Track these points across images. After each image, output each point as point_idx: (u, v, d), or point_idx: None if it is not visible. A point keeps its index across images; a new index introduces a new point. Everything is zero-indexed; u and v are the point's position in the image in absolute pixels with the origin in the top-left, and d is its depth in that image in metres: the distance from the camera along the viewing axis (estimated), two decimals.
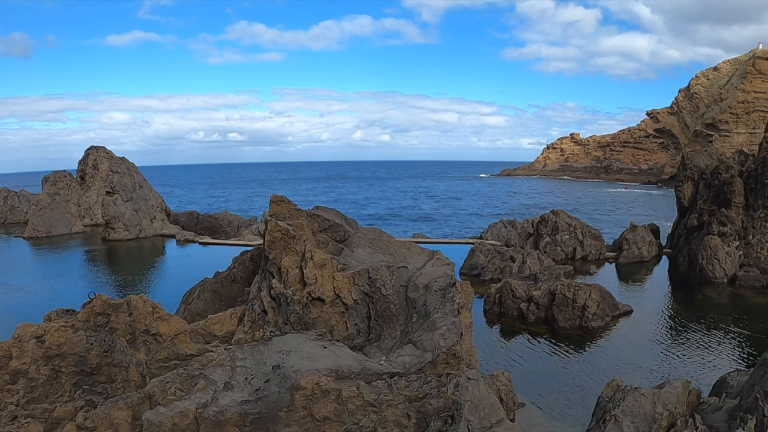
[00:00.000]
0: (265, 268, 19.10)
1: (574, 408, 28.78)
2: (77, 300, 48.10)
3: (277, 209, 20.18)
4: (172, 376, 16.01)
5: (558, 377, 33.31)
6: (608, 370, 34.08)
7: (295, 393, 15.18)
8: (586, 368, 34.88)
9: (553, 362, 36.23)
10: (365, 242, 21.68)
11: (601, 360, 36.32)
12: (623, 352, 37.63)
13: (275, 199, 20.67)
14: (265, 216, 21.56)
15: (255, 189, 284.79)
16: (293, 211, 20.49)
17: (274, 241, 18.60)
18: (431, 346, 17.64)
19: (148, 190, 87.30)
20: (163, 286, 54.70)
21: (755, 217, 61.38)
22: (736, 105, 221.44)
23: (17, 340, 17.29)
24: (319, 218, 21.79)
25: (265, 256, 19.01)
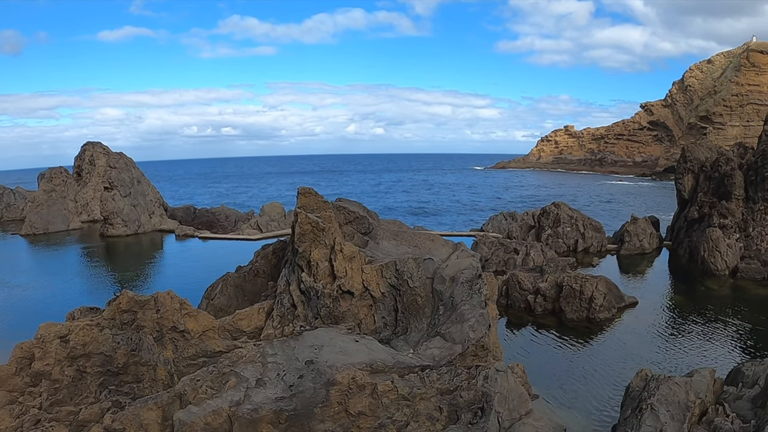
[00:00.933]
0: (293, 261, 18.88)
1: (584, 400, 28.84)
2: (79, 296, 48.06)
3: (305, 201, 19.92)
4: (202, 373, 15.73)
5: (567, 369, 33.39)
6: (617, 362, 34.24)
7: (330, 388, 15.03)
8: (595, 360, 34.98)
9: (562, 354, 36.33)
10: (390, 234, 21.53)
11: (609, 352, 36.43)
12: (630, 345, 37.76)
13: (303, 191, 20.40)
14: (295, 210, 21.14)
15: (249, 183, 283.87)
16: (320, 203, 20.25)
17: (303, 233, 18.37)
18: (461, 338, 17.58)
19: (146, 185, 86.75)
20: (168, 282, 54.28)
21: (755, 210, 61.59)
22: (730, 98, 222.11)
23: (40, 340, 16.79)
24: (345, 210, 21.62)
25: (293, 249, 18.77)
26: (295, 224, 18.62)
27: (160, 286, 52.16)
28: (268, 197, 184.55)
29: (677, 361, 34.30)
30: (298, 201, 20.54)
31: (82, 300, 47.85)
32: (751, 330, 39.94)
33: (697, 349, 36.50)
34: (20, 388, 17.02)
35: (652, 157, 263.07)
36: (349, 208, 21.98)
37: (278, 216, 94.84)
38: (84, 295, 49.71)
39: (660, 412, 16.35)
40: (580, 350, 37.34)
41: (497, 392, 17.45)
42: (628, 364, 33.55)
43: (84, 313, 19.78)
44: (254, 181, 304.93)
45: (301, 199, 20.51)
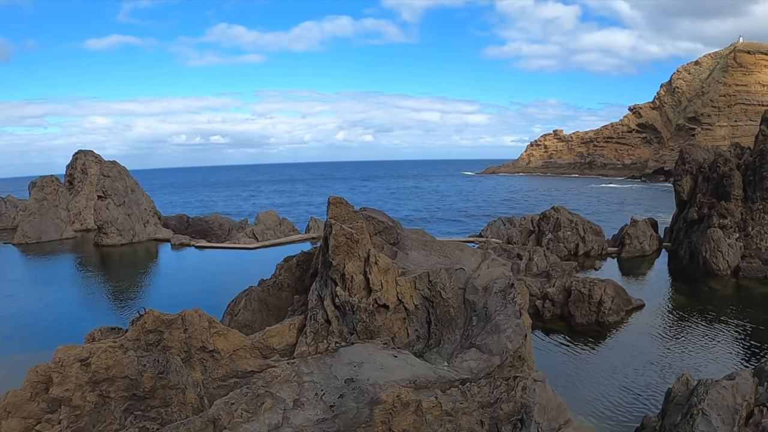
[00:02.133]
0: (325, 274, 18.16)
1: (599, 404, 28.43)
2: (74, 307, 46.99)
3: (336, 211, 19.24)
4: (236, 396, 14.88)
5: (579, 374, 33.11)
6: (629, 366, 33.94)
7: (374, 407, 14.34)
8: (607, 364, 34.65)
9: (573, 359, 35.97)
10: (418, 244, 20.94)
11: (621, 356, 36.14)
12: (642, 348, 37.56)
13: (334, 200, 19.71)
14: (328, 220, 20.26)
15: (240, 191, 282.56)
16: (351, 213, 19.58)
17: (338, 246, 17.67)
18: (498, 350, 17.02)
19: (140, 194, 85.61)
20: (169, 293, 53.35)
21: (754, 209, 61.78)
22: (718, 98, 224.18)
23: (58, 364, 15.77)
24: (374, 220, 20.99)
25: (325, 262, 18.06)
26: (329, 236, 17.87)
27: (161, 297, 51.29)
28: (259, 205, 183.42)
29: (691, 363, 34.05)
30: (330, 211, 19.81)
31: (78, 311, 46.82)
32: (758, 329, 39.77)
33: (709, 350, 36.38)
34: (37, 415, 15.96)
35: (641, 159, 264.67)
36: (377, 217, 21.36)
37: (273, 224, 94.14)
38: (80, 307, 48.70)
39: (711, 416, 15.98)
40: (591, 354, 37.00)
41: (537, 403, 16.96)
42: (640, 368, 33.33)
43: (105, 333, 18.43)
44: (244, 189, 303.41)
45: (333, 209, 19.81)
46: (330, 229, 18.18)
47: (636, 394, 29.68)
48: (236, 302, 22.05)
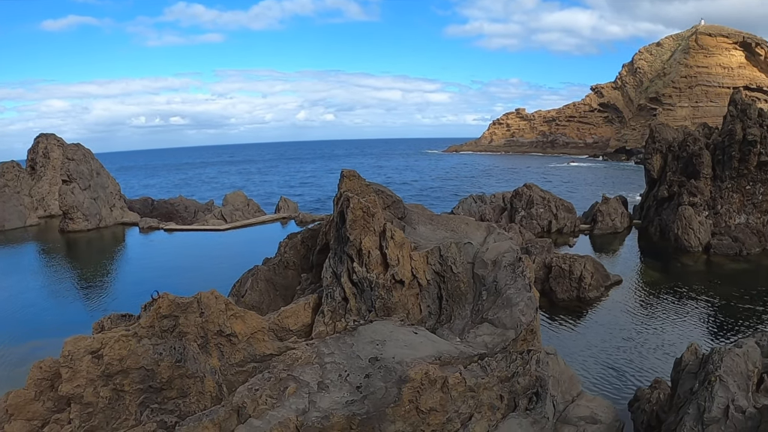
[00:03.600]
0: (339, 250, 17.58)
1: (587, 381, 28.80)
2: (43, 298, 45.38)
3: (350, 185, 18.63)
4: (258, 381, 14.23)
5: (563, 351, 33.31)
6: (609, 342, 34.57)
7: (402, 386, 14.00)
8: (588, 340, 35.34)
9: (557, 336, 36.46)
10: (424, 218, 20.61)
11: (602, 331, 36.85)
12: (622, 323, 38.40)
13: (348, 173, 19.08)
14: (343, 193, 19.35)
15: (201, 173, 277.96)
16: (363, 186, 19.00)
17: (355, 220, 17.01)
18: (512, 323, 16.93)
19: (106, 177, 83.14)
20: (145, 278, 51.88)
21: (723, 188, 63.36)
22: (680, 79, 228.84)
23: (68, 358, 14.51)
24: (384, 194, 20.50)
25: (341, 237, 17.47)
26: (345, 209, 17.21)
27: (138, 283, 49.72)
28: (222, 186, 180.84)
29: (674, 337, 35.02)
30: (343, 184, 19.15)
31: (46, 301, 45.13)
32: (730, 304, 41.06)
33: (690, 325, 37.53)
34: (43, 416, 14.73)
35: (603, 138, 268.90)
36: (385, 191, 20.90)
37: (242, 205, 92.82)
38: (49, 297, 47.05)
39: (729, 383, 16.27)
40: (573, 332, 37.55)
41: (550, 376, 17.00)
42: (621, 344, 34.03)
43: (115, 321, 17.21)
44: (206, 170, 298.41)
45: (346, 182, 19.16)
46: (347, 203, 17.50)
47: (620, 369, 30.15)
48: (242, 283, 21.35)
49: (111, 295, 47.01)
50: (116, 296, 46.14)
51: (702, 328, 36.79)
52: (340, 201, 18.03)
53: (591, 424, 17.58)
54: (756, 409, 15.41)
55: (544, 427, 16.37)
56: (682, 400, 17.74)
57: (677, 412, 17.56)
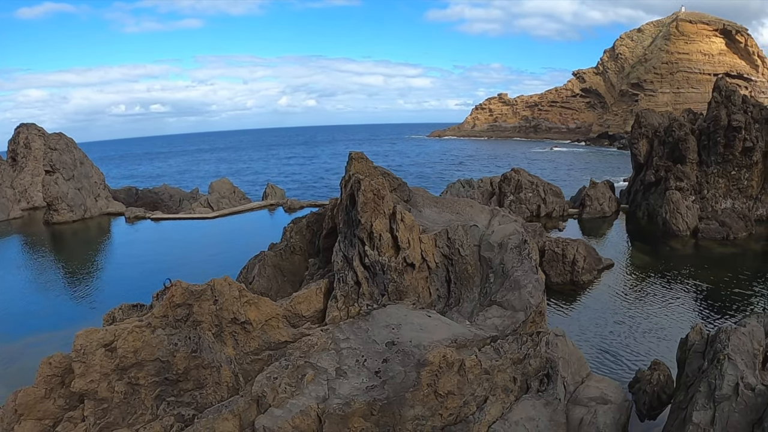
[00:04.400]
0: (350, 234, 17.38)
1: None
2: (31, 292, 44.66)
3: (359, 167, 18.41)
4: (276, 369, 14.00)
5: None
6: (602, 326, 34.80)
7: (421, 370, 13.94)
8: (582, 324, 35.45)
9: (551, 319, 36.54)
10: (429, 201, 20.57)
11: (596, 315, 37.11)
12: (615, 307, 38.73)
13: (356, 156, 18.85)
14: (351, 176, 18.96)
15: (184, 160, 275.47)
16: (371, 169, 18.83)
17: (366, 202, 16.78)
18: (521, 306, 17.00)
19: (89, 167, 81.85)
20: (133, 268, 51.34)
21: (709, 173, 64.14)
22: (661, 65, 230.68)
23: (80, 352, 13.85)
24: (390, 177, 20.37)
25: (351, 221, 17.24)
26: (356, 192, 16.96)
27: (130, 274, 49.27)
28: (206, 174, 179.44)
29: (667, 320, 35.47)
30: (352, 167, 18.92)
31: (36, 295, 44.36)
32: (720, 287, 41.71)
33: (682, 308, 37.99)
34: (54, 414, 14.08)
35: (585, 123, 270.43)
36: (390, 174, 20.74)
37: (228, 192, 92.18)
38: (39, 290, 46.27)
39: (737, 361, 16.53)
40: (567, 316, 37.69)
41: (560, 357, 17.10)
42: (615, 328, 34.33)
43: (126, 312, 16.70)
44: (188, 158, 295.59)
45: (355, 164, 18.92)
46: (358, 185, 17.24)
47: (615, 353, 30.47)
48: (248, 269, 21.10)
49: (101, 287, 46.43)
50: (107, 288, 45.58)
51: (694, 311, 37.38)
52: (349, 183, 17.82)
53: (602, 404, 17.76)
54: (765, 386, 15.68)
55: (556, 409, 16.48)
56: (691, 378, 18.01)
57: (686, 390, 17.83)
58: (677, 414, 17.73)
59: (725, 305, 37.86)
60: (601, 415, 17.79)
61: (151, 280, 46.11)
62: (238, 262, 50.14)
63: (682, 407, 17.48)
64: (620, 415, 18.49)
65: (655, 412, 22.33)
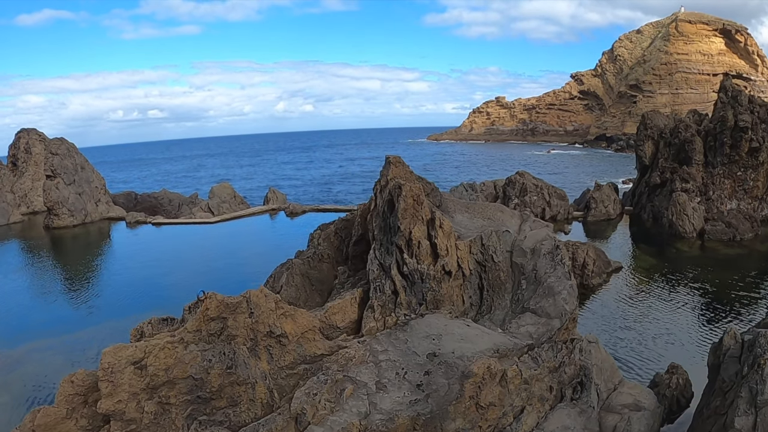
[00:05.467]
0: (386, 241, 16.90)
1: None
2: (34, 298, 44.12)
3: (397, 171, 17.95)
4: (315, 385, 13.43)
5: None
6: (614, 330, 34.57)
7: (465, 382, 13.53)
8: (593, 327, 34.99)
9: None
10: (461, 206, 20.22)
11: (606, 319, 36.67)
12: (627, 309, 38.74)
13: (394, 160, 18.42)
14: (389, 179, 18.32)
15: (183, 166, 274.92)
16: (408, 173, 18.38)
17: (407, 208, 16.27)
18: (556, 313, 16.67)
19: (91, 171, 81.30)
20: (136, 273, 50.81)
21: (715, 174, 63.98)
22: (660, 66, 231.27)
23: (107, 371, 13.07)
24: (423, 181, 19.98)
25: (387, 227, 16.73)
26: (396, 197, 16.42)
27: (137, 280, 48.73)
28: (204, 179, 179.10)
29: (678, 323, 35.39)
30: (390, 171, 18.45)
31: (36, 301, 43.76)
32: (731, 290, 41.44)
33: (692, 310, 37.67)
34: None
35: (583, 125, 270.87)
36: (423, 179, 20.38)
37: (228, 197, 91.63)
38: (40, 296, 45.70)
39: None
40: (579, 318, 37.32)
41: (594, 364, 16.81)
42: (623, 333, 33.99)
43: (156, 326, 15.87)
44: (186, 163, 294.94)
45: (393, 169, 18.46)
46: (398, 190, 16.75)
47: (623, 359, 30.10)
48: (275, 278, 20.61)
49: (104, 293, 45.86)
50: (110, 294, 45.01)
51: (702, 315, 37.18)
52: (386, 188, 17.37)
53: (635, 411, 17.47)
54: None
55: (590, 417, 16.18)
56: (728, 384, 17.72)
57: (723, 395, 17.55)
58: (714, 420, 17.47)
59: (734, 308, 37.74)
60: (635, 422, 17.52)
61: (155, 286, 46.08)
62: (245, 267, 50.19)
63: (721, 413, 17.22)
64: (653, 421, 18.21)
65: (675, 416, 22.12)
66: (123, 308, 40.59)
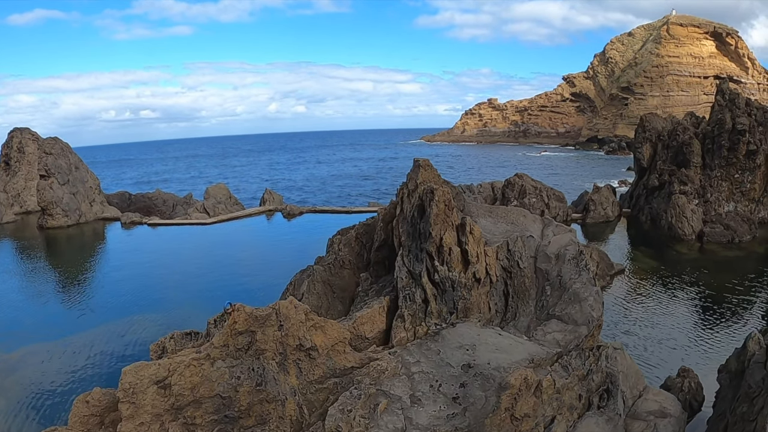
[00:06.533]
0: (415, 247, 16.37)
1: None
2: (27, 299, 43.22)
3: (426, 175, 17.41)
4: (348, 400, 12.87)
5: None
6: (617, 336, 34.29)
7: (501, 393, 13.13)
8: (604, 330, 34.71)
9: None
10: (484, 211, 19.89)
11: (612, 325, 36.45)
12: (629, 314, 38.74)
13: (424, 163, 17.91)
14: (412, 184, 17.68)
15: (174, 166, 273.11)
16: (436, 177, 17.89)
17: (438, 214, 15.76)
18: (583, 319, 16.34)
19: (85, 171, 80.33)
20: (132, 275, 49.94)
21: (712, 177, 64.16)
22: (651, 69, 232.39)
23: (128, 391, 12.23)
24: (449, 185, 19.50)
25: (416, 233, 16.18)
26: (429, 202, 15.88)
27: (130, 280, 48.04)
28: (198, 179, 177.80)
29: (680, 328, 35.34)
30: (419, 175, 17.91)
31: (31, 303, 42.89)
32: (731, 293, 41.60)
33: (693, 314, 37.74)
34: None
35: (575, 127, 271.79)
36: (449, 183, 19.94)
37: (224, 198, 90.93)
38: (35, 297, 44.89)
39: None
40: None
41: (620, 371, 16.54)
42: (628, 336, 33.76)
43: (179, 341, 15.11)
44: (179, 164, 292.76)
45: (423, 173, 17.92)
46: (431, 195, 16.19)
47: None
48: (295, 285, 20.03)
49: (100, 294, 45.09)
50: (106, 296, 44.28)
51: (704, 318, 37.25)
52: (414, 193, 16.84)
53: (661, 418, 17.23)
54: None
55: (617, 425, 15.90)
56: (755, 389, 17.51)
57: (750, 401, 17.35)
58: (742, 426, 17.27)
59: (736, 311, 37.99)
60: (662, 429, 17.29)
61: (152, 288, 45.29)
62: (246, 269, 49.55)
63: (749, 419, 17.04)
64: (679, 428, 17.99)
65: (688, 420, 21.97)
66: (119, 310, 39.96)
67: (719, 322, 35.93)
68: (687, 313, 37.74)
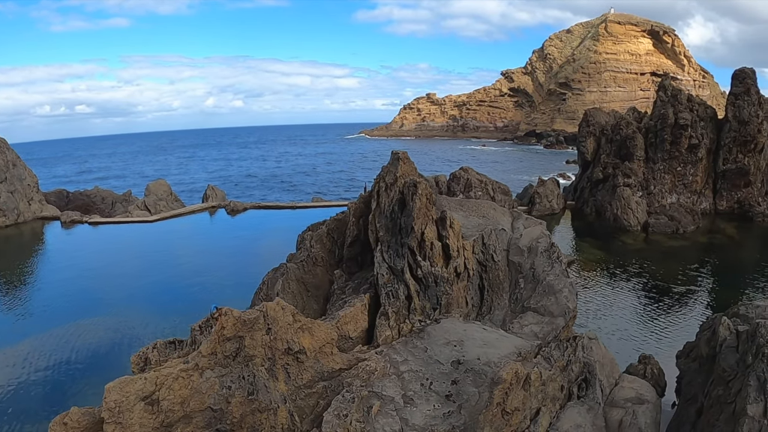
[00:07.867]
0: (396, 242, 16.05)
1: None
2: None
3: (405, 169, 17.11)
4: (341, 405, 12.39)
5: None
6: (576, 326, 35.02)
7: (494, 389, 13.09)
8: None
9: None
10: (455, 204, 19.90)
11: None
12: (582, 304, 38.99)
13: (403, 156, 17.58)
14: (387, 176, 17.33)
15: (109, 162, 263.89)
16: (414, 170, 17.60)
17: (421, 208, 15.49)
18: (560, 311, 16.61)
19: (23, 169, 76.39)
20: (78, 277, 47.68)
21: (655, 170, 66.60)
22: (589, 65, 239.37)
23: (114, 411, 11.17)
24: (423, 178, 19.22)
25: (396, 227, 15.82)
26: (411, 195, 15.54)
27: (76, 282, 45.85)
28: (137, 176, 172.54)
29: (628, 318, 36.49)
30: (398, 168, 17.59)
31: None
32: (677, 280, 43.63)
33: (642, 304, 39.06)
34: None
35: (513, 122, 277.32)
36: (422, 175, 19.70)
37: (165, 195, 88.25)
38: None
39: None
40: None
41: (596, 361, 16.88)
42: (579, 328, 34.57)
43: (162, 351, 13.99)
44: (116, 160, 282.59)
45: (402, 166, 17.61)
46: (414, 188, 15.91)
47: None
48: (268, 284, 19.36)
49: (42, 298, 42.74)
50: (49, 300, 42.00)
51: (653, 307, 38.31)
52: (395, 186, 16.54)
53: (639, 404, 17.68)
54: None
55: (597, 413, 16.23)
56: (729, 373, 18.13)
57: (726, 384, 17.97)
58: (720, 408, 17.90)
59: (681, 300, 39.78)
60: (641, 415, 17.78)
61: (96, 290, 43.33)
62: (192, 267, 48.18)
63: (727, 401, 17.68)
64: (656, 413, 18.53)
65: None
66: (64, 315, 37.95)
67: (669, 311, 37.31)
68: (637, 303, 39.04)
